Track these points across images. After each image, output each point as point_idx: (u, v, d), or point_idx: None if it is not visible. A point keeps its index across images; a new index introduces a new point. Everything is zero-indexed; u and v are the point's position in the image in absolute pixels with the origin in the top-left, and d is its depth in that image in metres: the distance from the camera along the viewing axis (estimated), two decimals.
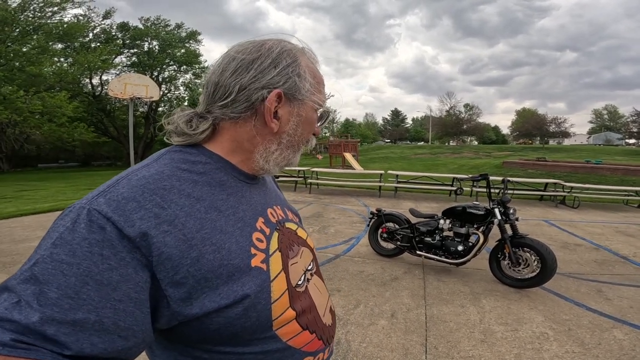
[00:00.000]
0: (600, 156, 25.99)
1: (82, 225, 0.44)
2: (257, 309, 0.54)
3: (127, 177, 0.51)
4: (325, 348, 0.68)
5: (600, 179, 13.43)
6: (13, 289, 0.41)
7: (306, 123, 0.64)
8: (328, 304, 0.74)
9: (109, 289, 0.43)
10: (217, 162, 0.61)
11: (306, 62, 0.63)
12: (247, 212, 0.62)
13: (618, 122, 65.16)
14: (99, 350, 0.42)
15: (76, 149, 30.80)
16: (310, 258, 0.74)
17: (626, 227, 6.64)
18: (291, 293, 0.61)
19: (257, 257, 0.58)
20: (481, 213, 3.70)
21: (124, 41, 31.66)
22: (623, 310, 2.99)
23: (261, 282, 0.56)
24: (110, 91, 8.90)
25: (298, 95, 0.61)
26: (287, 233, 0.70)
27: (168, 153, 0.59)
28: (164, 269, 0.47)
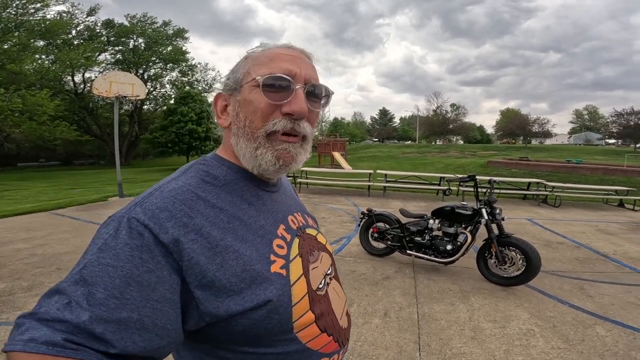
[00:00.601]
0: (581, 156, 26.81)
1: (123, 232, 0.49)
2: (279, 312, 0.57)
3: (160, 189, 0.56)
4: (340, 350, 0.70)
5: (581, 179, 13.89)
6: (64, 291, 0.45)
7: (246, 104, 0.61)
8: (345, 308, 0.77)
9: (149, 290, 0.47)
10: (237, 172, 0.66)
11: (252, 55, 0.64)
12: (268, 220, 0.65)
13: (598, 123, 67.21)
14: (139, 349, 0.45)
15: (57, 148, 29.94)
16: (329, 263, 0.76)
17: (606, 225, 6.91)
18: (311, 296, 0.64)
19: (277, 263, 0.60)
20: (469, 213, 3.81)
21: (108, 38, 31.05)
22: (604, 307, 3.13)
23: (281, 286, 0.59)
24: (95, 89, 8.66)
25: (234, 86, 0.64)
26: (308, 239, 0.73)
27: (194, 166, 0.65)
28: (193, 273, 0.51)
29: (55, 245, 4.59)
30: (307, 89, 0.62)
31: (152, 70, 34.65)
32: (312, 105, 0.63)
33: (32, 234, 5.13)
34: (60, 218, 6.34)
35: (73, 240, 4.85)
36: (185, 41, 35.26)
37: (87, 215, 6.54)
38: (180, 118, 24.75)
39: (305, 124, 0.62)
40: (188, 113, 24.93)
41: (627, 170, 15.72)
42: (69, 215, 6.53)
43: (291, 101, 0.59)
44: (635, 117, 36.83)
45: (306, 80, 0.62)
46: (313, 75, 0.64)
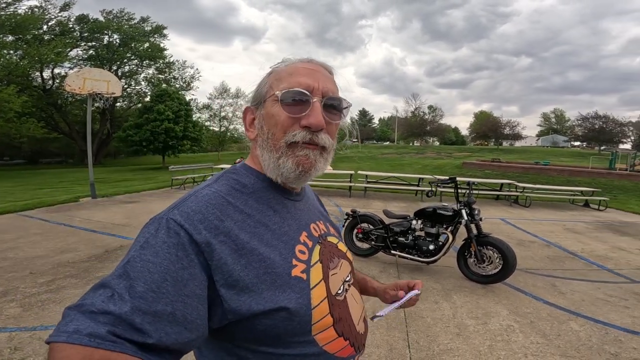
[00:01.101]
0: (548, 157, 28.19)
1: (162, 232, 0.53)
2: (300, 314, 0.60)
3: (195, 194, 0.61)
4: (355, 355, 0.72)
5: (549, 180, 14.60)
6: (108, 284, 0.49)
7: (268, 117, 0.65)
8: (362, 314, 0.79)
9: (181, 285, 0.50)
10: (263, 181, 0.69)
11: (276, 69, 0.69)
12: (292, 227, 0.69)
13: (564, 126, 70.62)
14: (172, 341, 0.48)
15: (23, 146, 28.40)
16: (348, 270, 0.78)
17: (573, 225, 7.31)
18: (330, 301, 0.66)
19: (298, 267, 0.63)
20: (450, 214, 3.94)
21: (81, 34, 29.84)
22: (576, 303, 3.32)
23: (300, 289, 0.61)
24: (68, 86, 8.27)
25: (260, 100, 0.68)
26: (329, 246, 0.76)
27: (225, 174, 0.69)
28: (220, 272, 0.54)
29: (26, 249, 4.37)
30: (325, 102, 0.64)
31: (126, 67, 33.51)
32: (330, 117, 0.65)
33: (1, 236, 4.87)
34: (30, 220, 6.03)
35: (45, 243, 4.64)
36: (164, 38, 34.35)
37: (58, 217, 6.25)
38: (157, 116, 24.03)
39: (325, 135, 0.65)
40: (165, 111, 24.25)
41: (592, 172, 16.67)
42: (39, 217, 6.22)
43: (309, 114, 0.62)
44: (600, 120, 39.04)
45: (324, 93, 0.64)
46: (331, 88, 0.66)
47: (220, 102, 35.15)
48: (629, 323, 2.92)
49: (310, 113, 0.62)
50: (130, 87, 34.38)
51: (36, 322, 2.62)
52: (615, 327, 2.85)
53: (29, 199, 8.66)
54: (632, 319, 2.99)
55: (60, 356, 0.42)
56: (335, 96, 0.66)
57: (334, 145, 0.70)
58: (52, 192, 10.57)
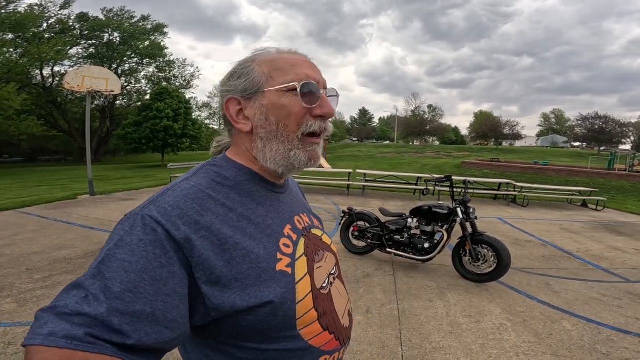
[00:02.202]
0: (547, 158, 28.21)
1: (138, 229, 0.51)
2: (284, 309, 0.59)
3: (172, 188, 0.59)
4: (341, 348, 0.72)
5: (547, 179, 14.63)
6: (82, 285, 0.47)
7: (275, 109, 0.63)
8: (347, 307, 0.79)
9: (160, 284, 0.49)
10: (246, 174, 0.68)
11: (261, 59, 0.66)
12: (276, 220, 0.68)
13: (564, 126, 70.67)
14: (152, 341, 0.47)
15: (22, 143, 28.38)
16: (333, 263, 0.79)
17: (570, 224, 7.32)
18: (315, 295, 0.66)
19: (283, 261, 0.63)
20: (445, 212, 3.95)
21: (81, 32, 29.83)
22: (570, 302, 3.33)
23: (286, 284, 0.61)
24: (67, 84, 8.27)
25: (253, 90, 0.64)
26: (313, 239, 0.75)
27: (204, 167, 0.67)
28: (202, 269, 0.53)
29: (23, 245, 4.38)
30: (328, 93, 0.68)
31: (126, 65, 33.51)
32: None
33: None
34: (28, 217, 6.04)
35: (42, 239, 4.65)
36: (164, 36, 34.32)
37: (56, 214, 6.26)
38: (156, 114, 24.02)
39: (330, 123, 0.69)
40: (164, 109, 24.24)
41: (590, 172, 16.68)
42: (36, 214, 6.23)
43: (322, 105, 0.65)
44: (600, 121, 39.01)
45: (323, 85, 0.67)
46: (324, 80, 0.69)
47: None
48: (622, 323, 2.93)
49: (323, 103, 0.65)
50: (131, 86, 34.40)
51: (31, 318, 2.63)
52: (608, 326, 2.86)
53: (27, 196, 8.66)
54: (625, 319, 3.00)
55: (38, 359, 0.40)
56: (330, 87, 0.70)
57: None
58: (51, 189, 10.57)
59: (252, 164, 0.69)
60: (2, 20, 21.26)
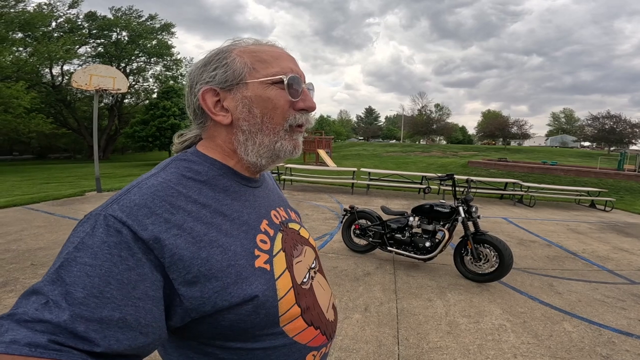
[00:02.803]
0: (556, 158, 27.81)
1: (100, 230, 0.47)
2: (266, 306, 0.58)
3: (138, 185, 0.55)
4: (327, 343, 0.71)
5: (555, 180, 14.42)
6: (41, 290, 0.44)
7: (259, 101, 0.62)
8: (331, 301, 0.78)
9: (129, 288, 0.46)
10: (220, 168, 0.65)
11: (240, 50, 0.64)
12: (252, 215, 0.66)
13: (574, 126, 69.52)
14: (124, 347, 0.45)
15: (32, 141, 28.82)
16: (313, 257, 0.77)
17: (577, 225, 7.22)
18: (296, 290, 0.65)
19: (261, 258, 0.61)
20: (447, 211, 3.92)
21: (90, 31, 30.15)
22: (572, 303, 3.29)
23: (266, 281, 0.59)
24: (74, 82, 8.39)
25: (234, 81, 0.62)
26: (291, 233, 0.74)
27: (173, 162, 0.63)
28: (177, 269, 0.50)
29: (29, 241, 4.44)
30: (307, 87, 0.68)
31: (134, 63, 33.85)
32: None
33: (5, 229, 4.95)
34: (35, 213, 6.13)
35: (48, 235, 4.71)
36: (172, 35, 34.58)
37: (63, 210, 6.35)
38: (163, 112, 24.24)
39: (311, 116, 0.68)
40: (171, 107, 24.44)
41: (599, 173, 16.39)
42: (44, 210, 6.32)
43: (305, 98, 0.65)
44: (610, 120, 38.33)
45: (304, 78, 0.67)
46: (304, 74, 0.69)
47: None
48: (624, 324, 2.89)
49: (306, 97, 0.65)
50: (138, 84, 34.75)
51: None
52: (610, 328, 2.82)
53: (35, 192, 8.80)
54: (627, 321, 2.95)
55: None
56: (309, 82, 0.69)
57: None
58: (59, 186, 10.73)
59: (227, 158, 0.66)
60: (11, 19, 21.55)
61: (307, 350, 0.66)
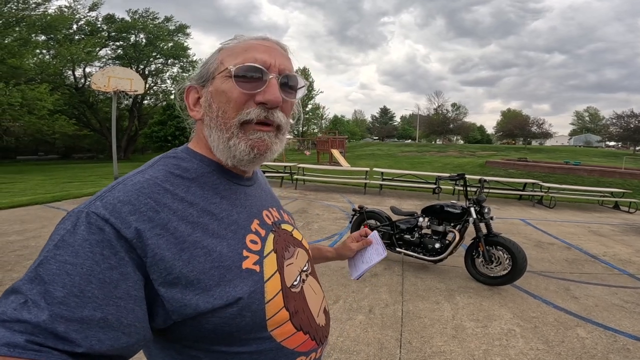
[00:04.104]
0: (579, 157, 26.81)
1: (82, 228, 0.46)
2: (252, 309, 0.56)
3: (123, 182, 0.54)
4: (318, 348, 0.70)
5: (577, 180, 13.88)
6: (19, 289, 0.43)
7: (217, 94, 0.60)
8: (322, 305, 0.76)
9: (111, 287, 0.45)
10: (209, 165, 0.64)
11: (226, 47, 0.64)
12: (242, 215, 0.64)
13: (598, 125, 67.00)
14: (106, 347, 0.44)
15: (56, 142, 29.93)
16: (305, 259, 0.76)
17: (599, 227, 6.93)
18: (285, 293, 0.63)
19: (250, 259, 0.59)
20: (458, 212, 3.82)
21: (109, 33, 30.98)
22: (588, 308, 3.14)
23: (253, 283, 0.57)
24: (94, 84, 8.73)
25: (207, 77, 0.63)
26: (283, 234, 0.72)
27: (162, 159, 0.62)
28: (157, 270, 0.49)
29: (47, 238, 4.59)
30: (281, 80, 0.62)
31: (152, 65, 34.61)
32: (286, 95, 0.62)
33: (25, 226, 5.15)
34: (55, 211, 6.34)
35: None
36: (187, 37, 35.21)
37: None
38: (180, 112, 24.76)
39: (280, 113, 0.62)
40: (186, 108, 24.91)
41: (624, 173, 15.70)
42: (64, 208, 6.54)
43: (265, 90, 0.59)
44: (636, 119, 36.77)
45: (280, 70, 0.61)
46: (288, 66, 0.64)
47: None
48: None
49: (267, 89, 0.59)
50: (157, 86, 35.54)
51: None
52: (626, 334, 2.68)
53: (58, 191, 9.12)
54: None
55: None
56: (291, 74, 0.63)
57: (289, 125, 0.66)
58: (81, 185, 11.08)
59: (212, 154, 0.65)
60: (33, 22, 22.25)
61: (295, 356, 0.64)
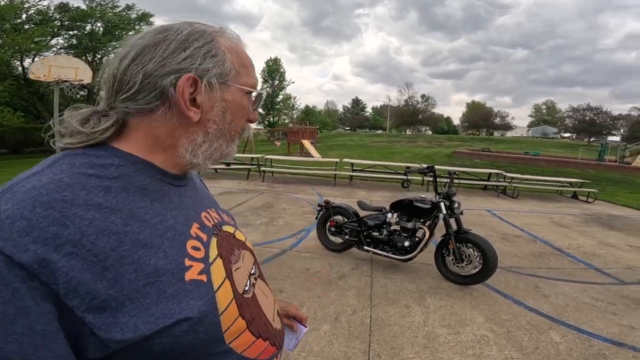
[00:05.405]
0: (538, 148, 28.22)
1: None
2: (205, 323, 0.50)
3: (11, 189, 0.43)
4: (278, 353, 0.67)
5: (537, 170, 14.46)
6: None
7: (235, 108, 0.59)
8: (275, 308, 0.73)
9: (7, 323, 0.38)
10: (136, 163, 0.53)
11: (227, 43, 0.58)
12: (178, 219, 0.56)
13: (555, 117, 70.99)
14: None
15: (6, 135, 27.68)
16: (252, 261, 0.71)
17: (561, 217, 7.09)
18: (239, 301, 0.58)
19: (194, 268, 0.52)
20: (427, 207, 3.61)
21: (62, 22, 28.95)
22: (559, 308, 3.04)
23: (201, 295, 0.51)
24: (32, 74, 7.96)
25: (219, 79, 0.55)
26: (226, 237, 0.66)
27: (67, 157, 0.50)
28: (77, 296, 0.41)
29: None
30: None
31: (111, 54, 32.59)
32: None
33: None
34: None
35: None
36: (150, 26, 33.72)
37: None
38: None
39: None
40: None
41: (580, 163, 16.60)
42: None
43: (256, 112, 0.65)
44: (591, 112, 39.24)
45: None
46: None
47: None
48: (616, 333, 2.65)
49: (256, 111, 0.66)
50: None
51: None
52: (600, 337, 2.57)
53: None
54: (619, 328, 2.71)
55: None
56: None
57: None
58: None
59: (150, 154, 0.55)
60: None
61: None
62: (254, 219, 5.52)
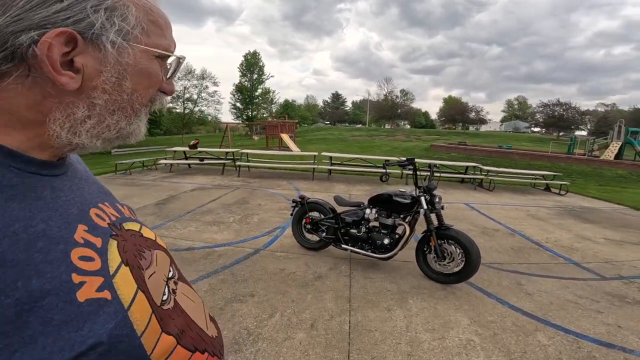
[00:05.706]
0: (510, 142, 29.09)
1: None
2: (121, 350, 0.39)
3: None
4: None
5: (511, 163, 14.78)
6: None
7: (139, 75, 0.46)
8: (206, 312, 0.62)
9: None
10: None
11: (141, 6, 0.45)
12: (53, 221, 0.41)
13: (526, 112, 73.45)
14: None
15: None
16: (167, 262, 0.57)
17: (536, 210, 7.15)
18: (159, 315, 0.46)
19: (88, 284, 0.39)
20: (407, 202, 3.43)
21: None
22: (544, 307, 2.93)
23: (109, 316, 0.39)
24: None
25: (114, 37, 0.42)
26: (131, 237, 0.52)
27: None
28: None
29: None
30: None
31: None
32: None
33: None
34: None
35: None
36: None
37: None
38: None
39: None
40: None
41: (551, 156, 17.12)
42: None
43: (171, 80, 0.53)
44: (560, 108, 40.79)
45: None
46: None
47: (184, 84, 33.65)
48: (603, 333, 2.55)
49: (172, 80, 0.53)
50: None
51: None
52: (588, 338, 2.47)
53: None
54: (606, 328, 2.62)
55: None
56: None
57: None
58: None
59: (11, 131, 0.40)
60: None
61: None
62: (226, 217, 5.20)
